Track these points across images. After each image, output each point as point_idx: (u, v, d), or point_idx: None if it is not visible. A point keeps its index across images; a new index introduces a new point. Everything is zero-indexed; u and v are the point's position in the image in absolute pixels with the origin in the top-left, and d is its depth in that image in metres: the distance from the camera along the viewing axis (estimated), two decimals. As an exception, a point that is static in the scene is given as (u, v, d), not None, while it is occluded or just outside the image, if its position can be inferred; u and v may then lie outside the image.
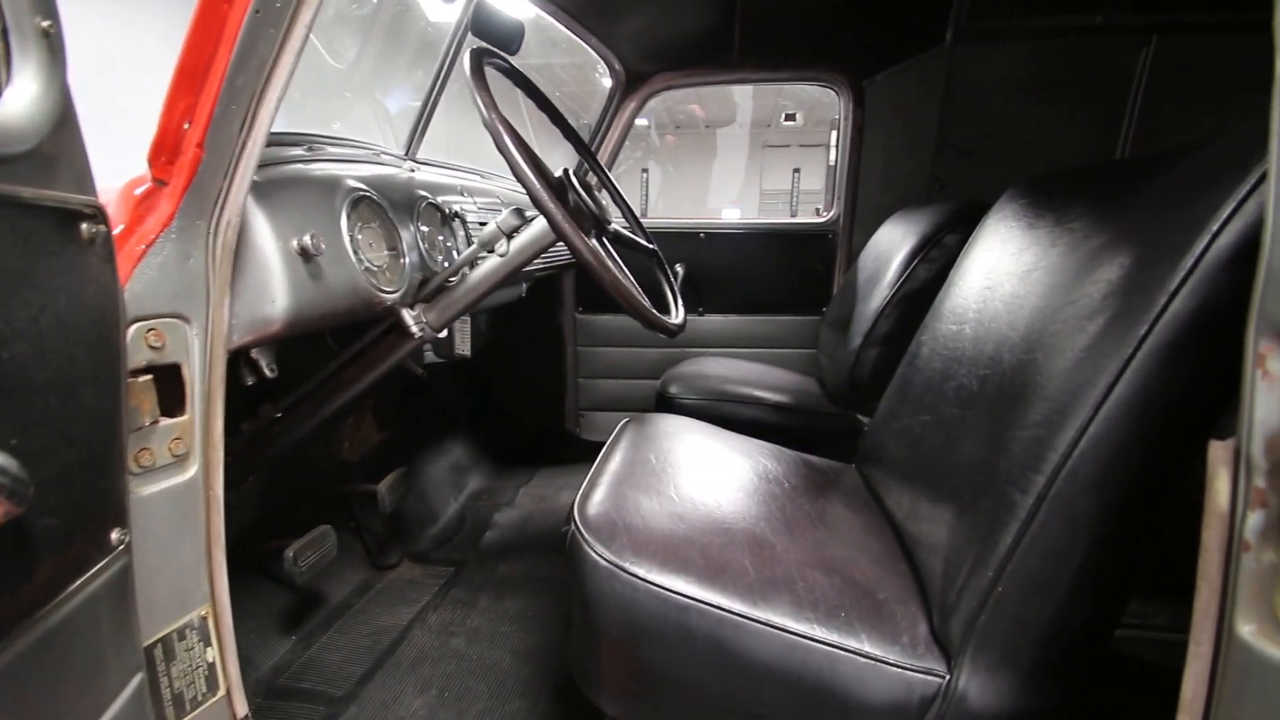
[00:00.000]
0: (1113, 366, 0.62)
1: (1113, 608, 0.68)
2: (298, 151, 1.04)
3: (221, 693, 0.82)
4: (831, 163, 2.23)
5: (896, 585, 0.82)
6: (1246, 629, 0.45)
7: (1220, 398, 0.59)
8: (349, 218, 0.95)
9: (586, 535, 0.82)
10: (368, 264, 0.98)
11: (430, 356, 1.67)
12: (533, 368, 2.45)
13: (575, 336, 2.39)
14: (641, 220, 1.48)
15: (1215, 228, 0.57)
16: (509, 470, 2.32)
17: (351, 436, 1.74)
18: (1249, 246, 0.54)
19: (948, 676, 0.69)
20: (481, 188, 1.60)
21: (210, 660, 0.81)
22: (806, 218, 2.31)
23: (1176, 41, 1.59)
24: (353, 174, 1.03)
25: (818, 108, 10.33)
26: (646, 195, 8.56)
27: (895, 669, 0.71)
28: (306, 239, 0.82)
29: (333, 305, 0.89)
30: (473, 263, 1.09)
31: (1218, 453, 0.48)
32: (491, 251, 1.03)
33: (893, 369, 1.21)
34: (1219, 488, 0.48)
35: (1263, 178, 0.54)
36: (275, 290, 0.80)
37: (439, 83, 1.54)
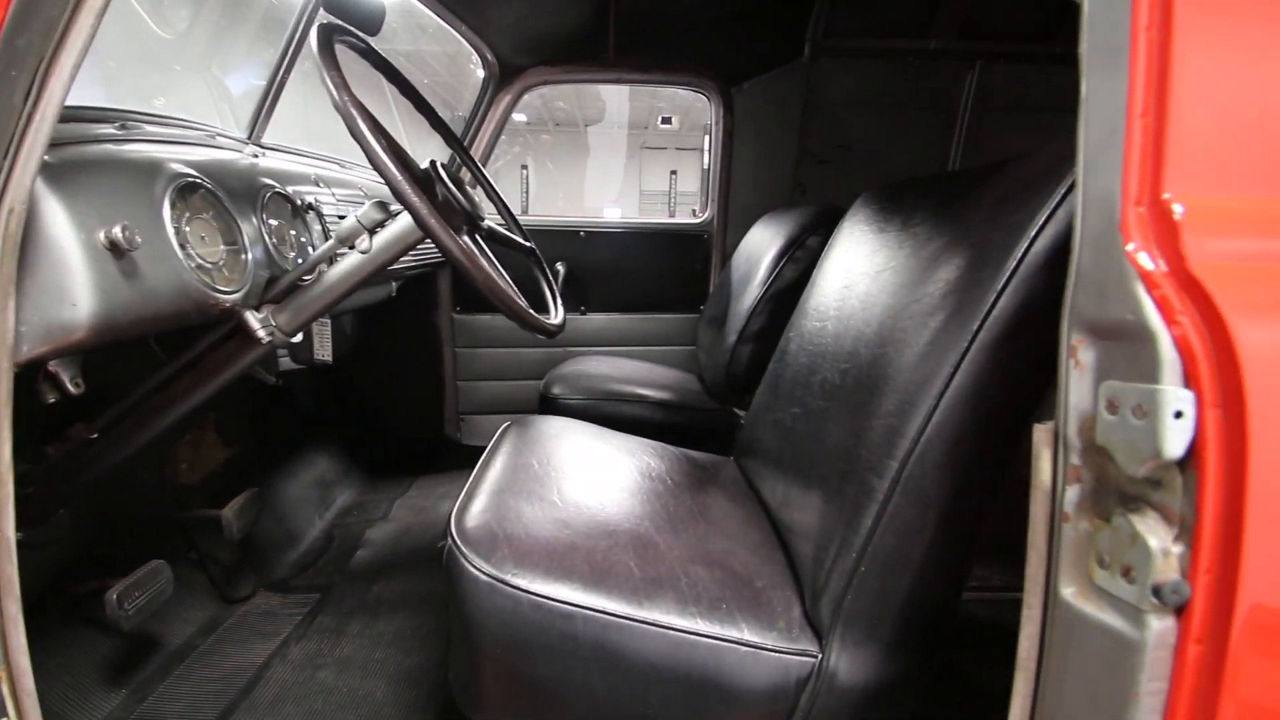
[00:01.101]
0: (952, 358, 0.68)
1: (958, 576, 0.75)
2: (107, 129, 0.90)
3: (21, 770, 0.69)
4: (705, 166, 2.30)
5: (773, 572, 0.86)
6: (1068, 591, 0.51)
7: (1041, 385, 0.66)
8: (174, 207, 0.83)
9: (465, 549, 0.78)
10: (199, 260, 0.86)
11: (286, 363, 1.51)
12: (408, 371, 2.31)
13: (453, 338, 2.29)
14: (521, 218, 1.43)
15: (1033, 233, 0.64)
16: (383, 482, 2.17)
17: (190, 456, 1.54)
18: (1061, 250, 0.62)
19: (820, 656, 0.73)
20: (341, 178, 1.47)
21: (4, 734, 0.68)
22: (684, 218, 2.37)
23: (996, 67, 1.80)
24: (180, 157, 0.90)
25: (692, 112, 10.67)
26: (527, 192, 8.40)
27: (773, 654, 0.73)
28: (117, 231, 0.70)
29: (153, 308, 0.77)
30: (331, 259, 1.00)
31: (1040, 435, 0.54)
32: (352, 248, 0.95)
33: (766, 364, 1.27)
34: (1042, 466, 0.53)
35: (1071, 188, 0.61)
36: (76, 291, 0.68)
37: (287, 58, 1.40)
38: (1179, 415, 0.44)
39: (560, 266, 2.22)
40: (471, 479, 0.99)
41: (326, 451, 2.07)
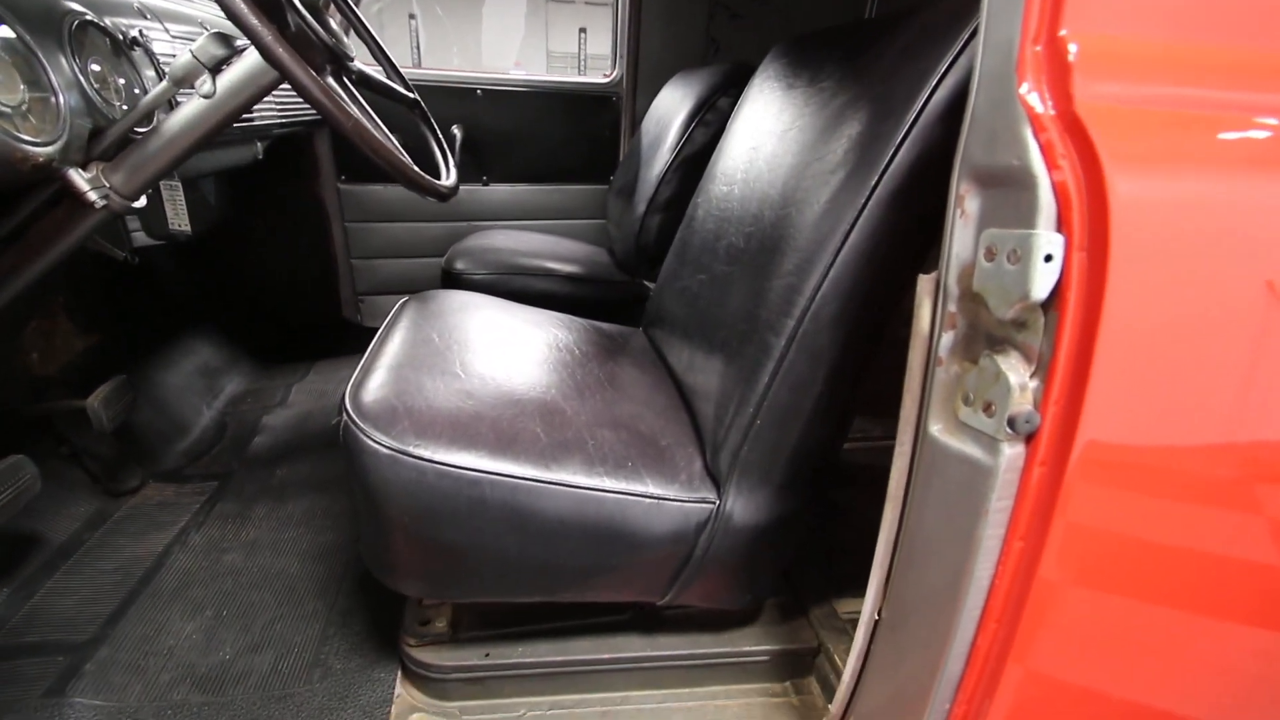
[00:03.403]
0: (849, 216, 0.68)
1: (842, 425, 0.80)
2: None
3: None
4: (615, 22, 2.11)
5: (677, 432, 0.89)
6: (936, 428, 0.56)
7: (929, 239, 0.68)
8: (-59, 32, 0.66)
9: (362, 424, 0.75)
10: (-7, 103, 0.70)
11: (141, 238, 1.34)
12: (293, 249, 2.12)
13: (342, 211, 2.09)
14: (411, 72, 1.27)
15: (933, 82, 0.63)
16: (277, 368, 2.05)
17: (41, 345, 1.37)
18: (960, 99, 0.61)
19: (718, 502, 0.78)
20: (174, 10, 1.23)
21: None
22: (589, 78, 2.20)
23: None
24: (-65, -35, 0.71)
25: (601, -41, 9.62)
26: (417, 47, 7.49)
27: (675, 503, 0.78)
28: None
29: (-63, 160, 0.63)
30: (170, 105, 0.85)
31: (923, 285, 0.56)
32: (191, 92, 0.81)
33: (674, 234, 1.24)
34: (922, 315, 0.56)
35: (974, 33, 0.59)
36: None
37: None
38: (1048, 259, 0.46)
39: (456, 130, 2.03)
40: (367, 355, 0.94)
41: (207, 338, 1.91)
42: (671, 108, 1.60)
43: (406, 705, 0.93)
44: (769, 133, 0.96)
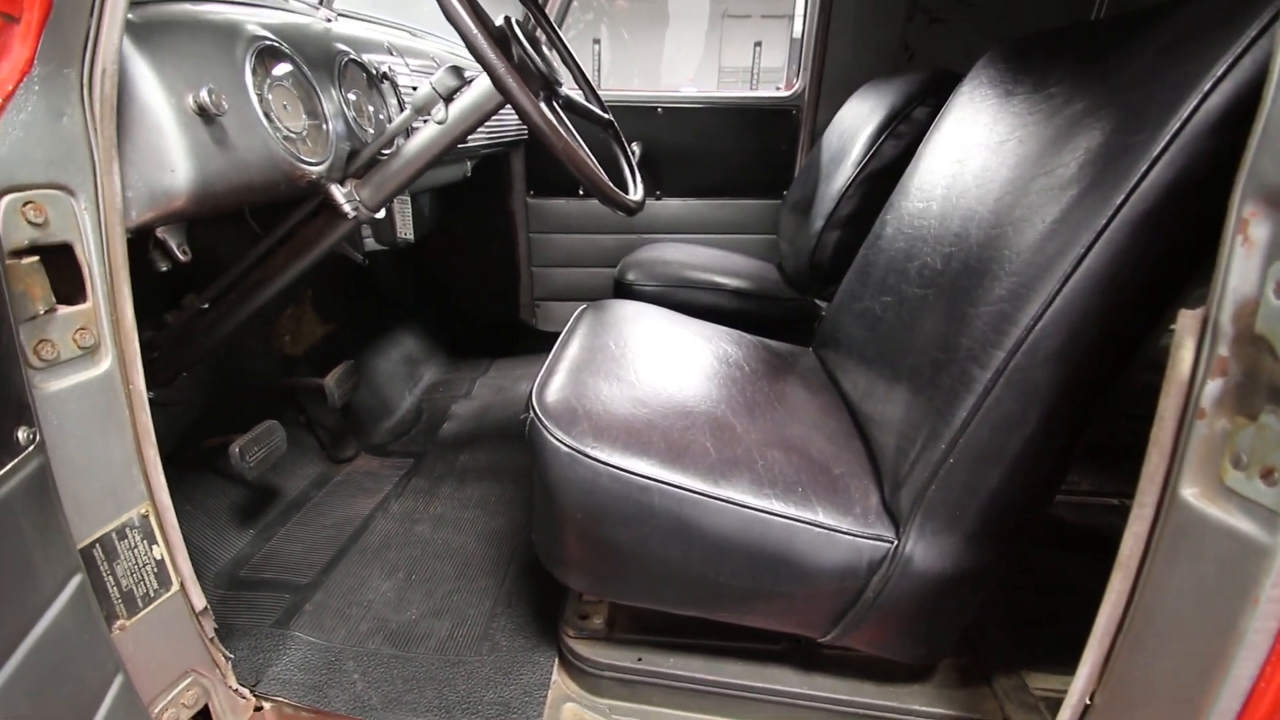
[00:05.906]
0: (1084, 238, 0.60)
1: (1055, 475, 0.71)
2: (183, -10, 0.88)
3: (175, 587, 0.81)
4: (797, 34, 2.08)
5: (851, 461, 0.85)
6: (1189, 491, 0.47)
7: (1188, 269, 0.58)
8: (255, 73, 0.82)
9: (546, 422, 0.80)
10: (285, 130, 0.86)
11: (371, 244, 1.56)
12: (483, 256, 2.34)
13: (528, 222, 2.28)
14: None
15: (1208, 85, 0.53)
16: (464, 362, 2.28)
17: (292, 329, 1.65)
18: (1241, 105, 0.51)
19: (895, 542, 0.73)
20: (413, 47, 1.42)
21: (158, 557, 0.78)
22: (768, 92, 2.18)
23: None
24: (254, 19, 0.88)
25: (782, -28, 9.52)
26: (599, 69, 7.95)
27: (847, 537, 0.73)
28: (204, 95, 0.70)
29: (246, 177, 0.78)
30: (407, 132, 0.97)
31: (1185, 321, 0.47)
32: (428, 119, 0.92)
33: (853, 253, 1.19)
34: (1183, 356, 0.47)
35: (1267, 28, 0.50)
36: (174, 157, 0.69)
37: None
38: (1375, 299, 0.37)
39: (636, 147, 2.12)
40: (550, 357, 1.01)
41: (412, 332, 2.17)
42: (859, 119, 1.53)
43: (561, 693, 0.98)
44: (980, 144, 0.88)
